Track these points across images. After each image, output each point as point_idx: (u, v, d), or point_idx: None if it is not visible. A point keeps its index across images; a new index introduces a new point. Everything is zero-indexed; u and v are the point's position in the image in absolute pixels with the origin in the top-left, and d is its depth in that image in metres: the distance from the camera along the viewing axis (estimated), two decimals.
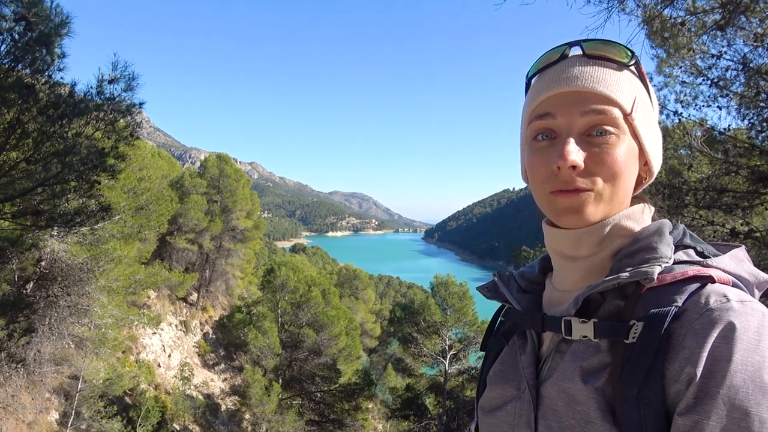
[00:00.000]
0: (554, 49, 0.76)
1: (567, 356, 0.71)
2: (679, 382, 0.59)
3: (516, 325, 0.82)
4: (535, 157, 0.73)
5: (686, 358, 0.59)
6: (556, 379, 0.70)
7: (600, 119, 0.69)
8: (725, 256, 0.70)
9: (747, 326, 0.58)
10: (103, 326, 9.78)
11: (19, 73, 4.81)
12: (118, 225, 8.68)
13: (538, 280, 0.86)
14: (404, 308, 17.83)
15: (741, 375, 0.56)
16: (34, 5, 4.86)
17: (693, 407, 0.57)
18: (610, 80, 0.71)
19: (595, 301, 0.71)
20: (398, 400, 17.20)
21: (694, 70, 5.14)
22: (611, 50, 0.73)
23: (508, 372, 0.80)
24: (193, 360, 18.96)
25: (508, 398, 0.78)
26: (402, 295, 49.81)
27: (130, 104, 5.44)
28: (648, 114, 0.75)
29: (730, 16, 4.28)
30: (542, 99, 0.73)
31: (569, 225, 0.72)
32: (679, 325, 0.61)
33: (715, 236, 5.43)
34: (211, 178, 20.72)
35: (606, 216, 0.71)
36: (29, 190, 5.25)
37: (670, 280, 0.66)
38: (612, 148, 0.69)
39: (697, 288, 0.64)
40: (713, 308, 0.60)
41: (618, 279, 0.66)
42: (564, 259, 0.76)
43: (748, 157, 5.02)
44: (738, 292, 0.63)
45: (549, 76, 0.74)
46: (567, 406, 0.67)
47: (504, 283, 0.87)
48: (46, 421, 10.37)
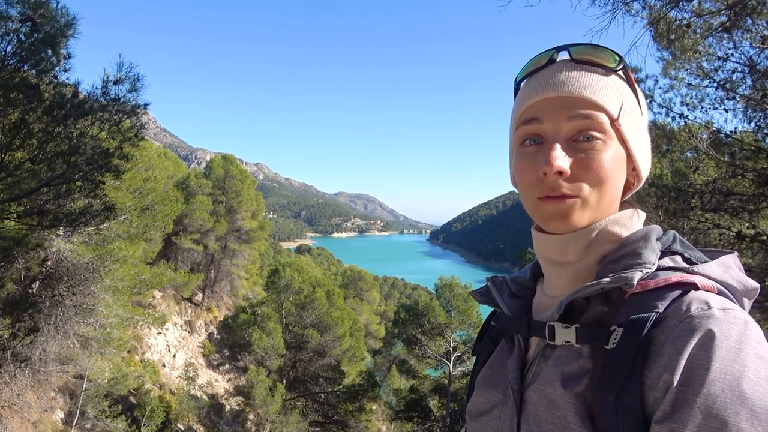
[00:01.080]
0: (542, 54, 0.76)
1: (550, 361, 0.71)
2: (657, 389, 0.58)
3: (504, 330, 0.82)
4: (523, 162, 0.72)
5: (664, 365, 0.58)
6: (539, 384, 0.70)
7: (586, 124, 0.69)
8: (713, 263, 0.70)
9: (727, 334, 0.57)
10: (108, 326, 9.81)
11: (24, 74, 4.84)
12: (124, 225, 8.72)
13: (530, 285, 0.86)
14: (408, 310, 17.80)
15: (719, 384, 0.55)
16: (41, 6, 4.89)
17: (670, 415, 0.56)
18: (596, 85, 0.71)
19: (581, 306, 0.71)
20: (402, 402, 17.17)
21: (700, 73, 5.11)
22: (599, 55, 0.73)
23: (495, 377, 0.80)
24: (197, 360, 19.02)
25: (495, 403, 0.78)
26: (407, 297, 49.73)
27: (135, 105, 5.46)
28: (636, 119, 0.74)
29: (737, 18, 4.26)
30: (530, 104, 0.73)
31: (556, 230, 0.72)
32: (659, 332, 0.61)
33: (722, 239, 5.39)
34: (217, 178, 20.80)
35: (593, 221, 0.71)
36: (34, 190, 5.27)
37: (653, 286, 0.65)
38: (598, 153, 0.69)
39: (680, 295, 0.63)
40: (694, 315, 0.60)
41: (595, 284, 0.66)
42: (552, 264, 0.76)
43: (754, 159, 4.98)
44: (720, 300, 0.62)
45: (536, 81, 0.74)
46: (547, 411, 0.67)
47: (496, 288, 0.87)
48: (51, 420, 10.43)
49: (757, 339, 0.59)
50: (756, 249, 5.36)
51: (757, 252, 5.48)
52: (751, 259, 5.59)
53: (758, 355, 0.57)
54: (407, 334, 16.77)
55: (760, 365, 0.56)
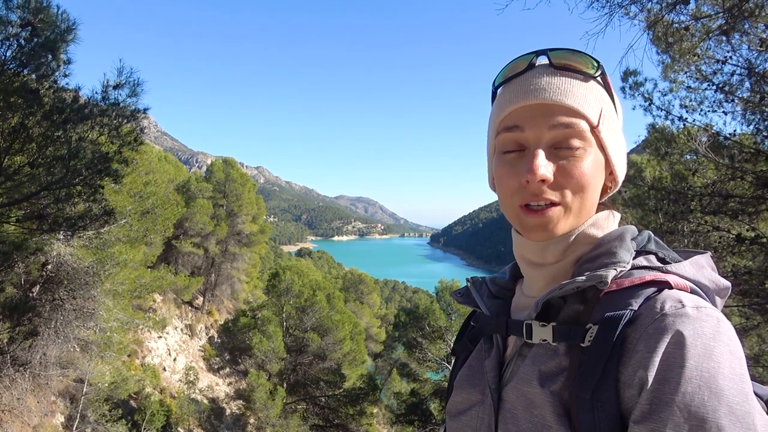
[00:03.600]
0: (521, 58, 0.76)
1: (527, 360, 0.72)
2: (632, 387, 0.59)
3: (483, 330, 0.83)
4: (504, 170, 0.73)
5: (638, 362, 0.59)
6: (516, 382, 0.71)
7: (568, 133, 0.70)
8: (686, 262, 0.71)
9: (701, 332, 0.58)
10: (109, 330, 9.79)
11: (24, 78, 4.85)
12: (124, 229, 8.72)
13: (509, 286, 0.87)
14: (409, 313, 17.77)
15: (696, 381, 0.56)
16: (41, 11, 4.91)
17: (649, 415, 0.57)
18: (577, 92, 0.71)
19: (558, 305, 0.72)
20: (403, 405, 17.13)
21: (699, 76, 5.12)
22: (578, 60, 0.73)
23: (474, 376, 0.81)
24: (198, 364, 19.00)
25: (473, 402, 0.79)
26: (407, 300, 49.69)
27: (135, 109, 5.48)
28: (613, 124, 0.75)
29: (734, 22, 4.26)
30: (510, 111, 0.73)
31: (538, 239, 0.73)
32: (634, 330, 0.62)
33: (721, 242, 5.39)
34: (217, 182, 20.82)
35: (573, 228, 0.72)
36: (33, 194, 5.28)
37: (628, 285, 0.66)
38: (579, 161, 0.70)
39: (653, 293, 0.64)
40: (667, 314, 0.60)
41: (572, 283, 0.67)
42: (531, 266, 0.77)
43: (753, 162, 4.99)
44: (694, 298, 0.63)
45: (516, 87, 0.74)
46: (525, 410, 0.68)
47: (476, 288, 0.88)
48: (51, 425, 10.40)
49: (729, 336, 0.60)
50: (756, 251, 5.35)
51: (758, 254, 5.48)
52: (751, 262, 5.59)
53: (731, 352, 0.58)
54: (408, 338, 16.74)
55: (733, 361, 0.57)
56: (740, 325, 6.04)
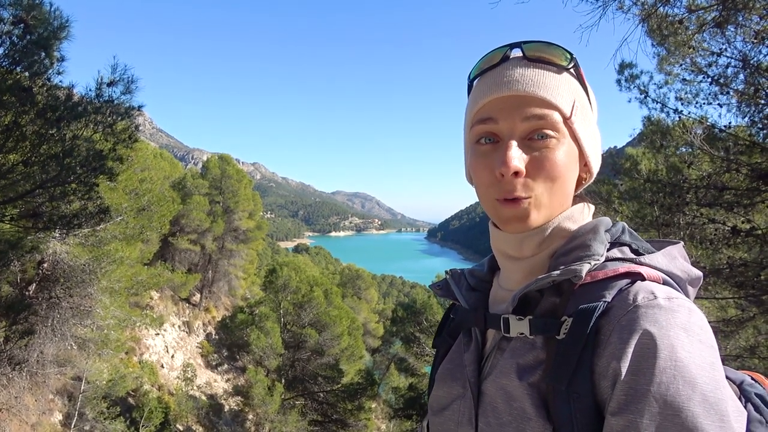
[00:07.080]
0: (495, 51, 0.77)
1: (506, 353, 0.72)
2: (607, 377, 0.60)
3: (462, 323, 0.84)
4: (479, 161, 0.74)
5: (612, 354, 0.60)
6: (495, 376, 0.72)
7: (541, 124, 0.70)
8: (658, 253, 0.72)
9: (673, 323, 0.59)
10: (106, 327, 9.79)
11: (17, 76, 4.82)
12: (120, 226, 8.69)
13: (487, 278, 0.87)
14: (407, 308, 17.82)
15: (670, 371, 0.57)
16: (33, 8, 4.87)
17: (626, 406, 0.58)
18: (550, 84, 0.72)
19: (534, 299, 0.73)
20: (401, 400, 17.19)
21: (694, 68, 5.12)
22: (551, 52, 0.74)
23: (455, 370, 0.82)
24: (196, 361, 19.00)
25: (455, 396, 0.79)
26: (405, 295, 49.71)
27: (129, 107, 5.45)
28: (587, 116, 0.76)
29: (728, 14, 4.26)
30: (484, 103, 0.74)
31: (514, 231, 0.74)
32: (607, 321, 0.63)
33: (717, 234, 5.41)
34: (213, 178, 20.75)
35: (548, 219, 0.73)
36: (28, 192, 5.25)
37: (601, 277, 0.67)
38: (551, 152, 0.70)
39: (627, 285, 0.65)
40: (640, 305, 0.61)
41: (547, 278, 0.68)
42: (508, 259, 0.78)
43: (748, 154, 5.00)
44: (665, 289, 0.64)
45: (490, 79, 0.75)
46: (505, 402, 0.68)
47: (455, 281, 0.89)
48: (49, 423, 10.40)
49: (700, 326, 0.61)
50: (751, 243, 5.38)
51: (753, 246, 5.50)
52: (746, 254, 5.61)
53: (702, 341, 0.59)
54: (406, 332, 16.80)
55: (704, 351, 0.59)
56: (736, 316, 6.07)
